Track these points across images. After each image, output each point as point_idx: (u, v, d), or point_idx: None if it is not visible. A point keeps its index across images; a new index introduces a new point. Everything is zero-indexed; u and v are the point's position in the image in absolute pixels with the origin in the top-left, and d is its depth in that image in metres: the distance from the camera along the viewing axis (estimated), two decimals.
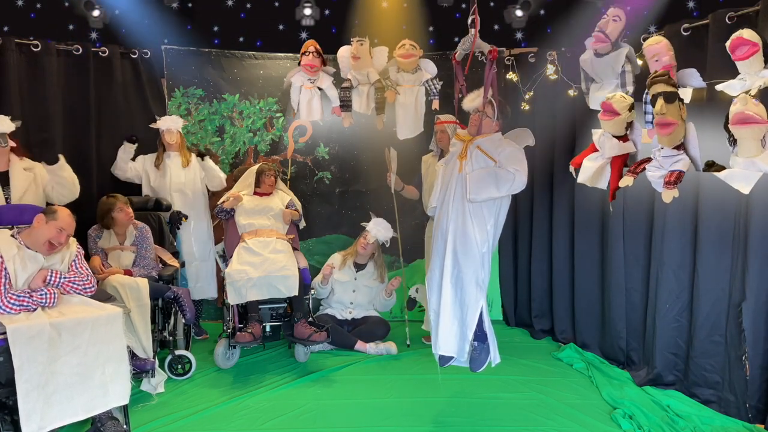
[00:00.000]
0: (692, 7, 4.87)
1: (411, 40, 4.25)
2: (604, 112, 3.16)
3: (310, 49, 4.26)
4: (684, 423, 3.25)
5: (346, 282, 4.77)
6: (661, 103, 2.73)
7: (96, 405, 2.81)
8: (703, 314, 3.51)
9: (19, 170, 3.74)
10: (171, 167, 4.66)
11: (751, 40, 2.59)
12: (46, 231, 2.94)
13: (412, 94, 4.30)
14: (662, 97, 2.74)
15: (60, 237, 2.97)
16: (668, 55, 2.91)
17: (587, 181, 3.39)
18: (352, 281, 4.77)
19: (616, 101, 3.11)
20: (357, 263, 4.81)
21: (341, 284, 4.77)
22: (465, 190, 3.10)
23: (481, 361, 3.18)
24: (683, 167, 2.83)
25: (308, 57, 4.24)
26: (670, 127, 2.75)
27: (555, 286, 4.85)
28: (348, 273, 4.79)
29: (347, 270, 4.79)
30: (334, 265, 4.76)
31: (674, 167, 2.85)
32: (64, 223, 2.97)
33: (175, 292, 3.88)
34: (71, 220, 3.02)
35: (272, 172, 4.60)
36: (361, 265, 4.81)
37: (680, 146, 2.84)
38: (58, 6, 5.12)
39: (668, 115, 2.73)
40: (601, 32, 3.16)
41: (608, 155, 3.22)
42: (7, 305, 2.76)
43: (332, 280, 4.74)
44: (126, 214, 3.96)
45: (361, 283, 4.78)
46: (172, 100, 5.11)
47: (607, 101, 3.14)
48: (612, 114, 3.12)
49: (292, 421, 3.36)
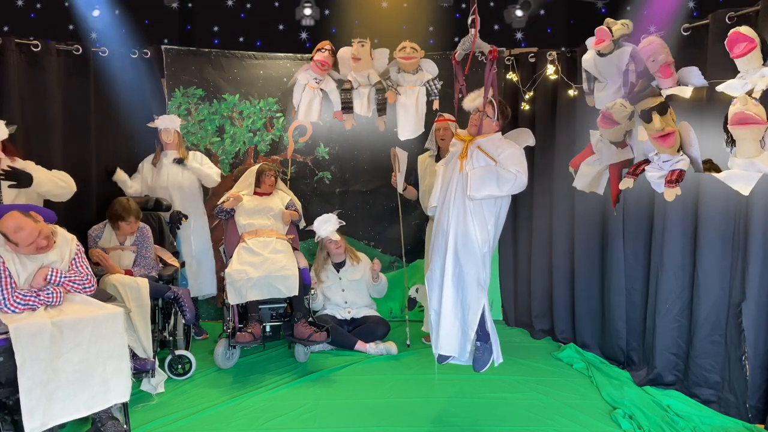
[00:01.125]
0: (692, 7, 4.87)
1: (412, 42, 4.25)
2: (604, 119, 3.17)
3: (326, 47, 4.29)
4: (684, 423, 3.25)
5: (333, 285, 4.78)
6: (658, 118, 2.77)
7: (97, 402, 2.82)
8: (703, 314, 3.51)
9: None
10: (168, 165, 4.68)
11: (748, 35, 2.60)
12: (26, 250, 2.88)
13: (413, 94, 4.30)
14: (655, 111, 2.78)
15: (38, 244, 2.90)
16: (664, 53, 2.92)
17: (585, 188, 3.39)
18: (338, 282, 4.78)
19: (616, 111, 3.12)
20: (335, 263, 4.81)
21: (329, 288, 4.78)
22: (466, 187, 3.10)
23: (485, 360, 3.18)
24: (684, 166, 2.84)
25: (324, 54, 4.26)
26: (670, 137, 2.79)
27: (555, 286, 4.85)
28: (331, 276, 4.79)
29: (329, 274, 4.79)
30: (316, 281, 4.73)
31: (675, 167, 2.86)
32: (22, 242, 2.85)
33: (175, 293, 3.89)
34: (19, 234, 2.85)
35: (273, 172, 4.60)
36: (340, 263, 4.81)
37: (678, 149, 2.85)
38: (58, 6, 5.12)
39: (666, 127, 2.77)
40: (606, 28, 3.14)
41: (606, 163, 3.22)
42: (14, 305, 2.78)
43: (320, 289, 4.75)
44: (132, 228, 3.96)
45: (347, 280, 4.78)
46: (172, 100, 5.11)
47: (608, 110, 3.15)
48: (611, 123, 3.14)
49: (292, 421, 3.36)
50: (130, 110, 4.85)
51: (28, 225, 2.88)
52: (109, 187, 4.58)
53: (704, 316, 3.51)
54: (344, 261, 4.80)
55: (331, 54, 4.29)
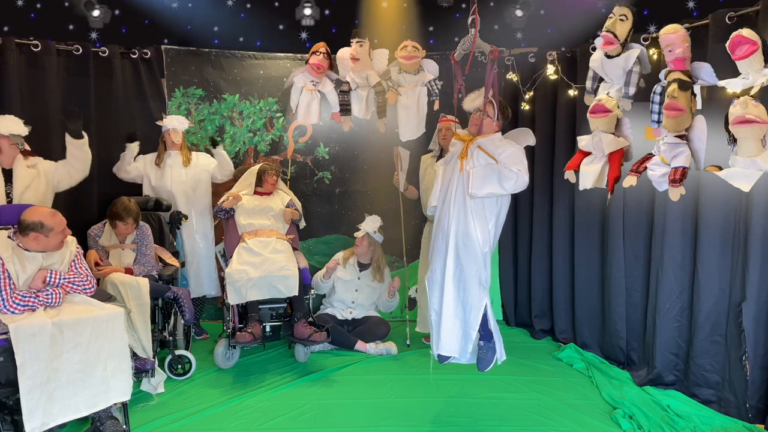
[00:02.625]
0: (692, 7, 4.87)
1: (413, 41, 4.24)
2: (597, 111, 3.26)
3: (321, 50, 4.24)
4: (684, 423, 3.25)
5: (349, 281, 4.77)
6: (674, 87, 2.84)
7: (98, 401, 2.83)
8: (703, 314, 3.51)
9: (22, 168, 3.74)
10: (172, 166, 4.67)
11: (750, 38, 2.60)
12: (55, 240, 2.95)
13: (414, 95, 4.28)
14: (677, 83, 2.84)
15: (66, 233, 3.01)
16: (682, 47, 2.91)
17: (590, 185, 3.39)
18: (355, 280, 4.77)
19: (606, 101, 3.25)
20: (360, 263, 4.81)
21: (344, 282, 4.77)
22: (467, 186, 3.10)
23: (488, 360, 3.19)
24: (685, 162, 2.85)
25: (318, 57, 4.21)
26: (678, 111, 2.84)
27: (555, 286, 4.85)
28: (351, 272, 4.79)
29: (351, 269, 4.79)
30: (339, 262, 4.76)
31: (676, 163, 2.87)
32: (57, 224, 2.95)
33: (175, 293, 3.89)
34: (55, 217, 2.97)
35: (274, 171, 4.60)
36: (365, 265, 4.81)
37: (683, 137, 2.86)
38: (58, 6, 5.12)
39: (679, 100, 2.82)
40: (610, 33, 3.15)
41: (607, 151, 3.25)
42: (12, 305, 2.77)
43: (335, 277, 4.74)
44: (129, 230, 3.97)
45: (364, 283, 4.78)
46: (172, 100, 5.11)
47: (598, 103, 3.27)
48: (605, 112, 3.23)
49: (292, 421, 3.36)
50: (130, 110, 4.86)
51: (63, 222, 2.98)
52: (109, 187, 4.58)
53: (704, 316, 3.51)
54: (368, 265, 4.81)
55: (326, 57, 4.26)
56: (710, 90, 3.12)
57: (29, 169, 3.78)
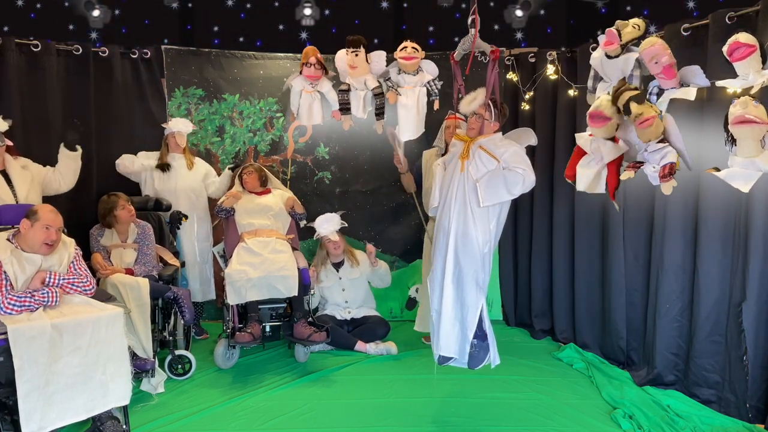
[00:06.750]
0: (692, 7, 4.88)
1: (413, 42, 4.24)
2: (594, 119, 3.15)
3: (311, 61, 4.11)
4: (684, 423, 3.25)
5: (333, 285, 4.77)
6: (635, 105, 2.91)
7: (96, 405, 2.81)
8: (703, 314, 3.51)
9: (17, 169, 3.74)
10: (178, 169, 4.68)
11: (748, 42, 2.60)
12: (36, 234, 2.93)
13: (413, 95, 4.27)
14: (633, 100, 2.91)
15: (50, 235, 2.96)
16: (666, 54, 2.91)
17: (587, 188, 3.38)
18: (338, 281, 4.77)
19: (605, 106, 3.12)
20: (334, 263, 4.80)
21: (329, 289, 4.77)
22: (477, 198, 3.10)
23: (480, 358, 3.18)
24: (672, 159, 2.86)
25: (309, 69, 4.13)
26: (649, 120, 2.88)
27: (555, 286, 4.85)
28: (331, 276, 4.77)
29: (329, 274, 4.78)
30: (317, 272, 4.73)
31: (664, 161, 2.87)
32: (47, 220, 2.95)
33: (175, 293, 3.88)
34: (54, 214, 2.99)
35: (252, 168, 4.60)
36: (339, 263, 4.80)
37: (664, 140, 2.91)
38: (58, 6, 5.13)
39: (645, 113, 2.89)
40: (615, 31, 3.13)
41: (607, 160, 3.21)
42: (8, 306, 2.76)
43: (319, 288, 4.74)
44: (128, 212, 3.99)
45: (346, 279, 4.77)
46: (172, 100, 5.11)
47: (596, 109, 3.14)
48: (603, 120, 3.13)
49: (292, 421, 3.36)
50: (130, 110, 4.86)
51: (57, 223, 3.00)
52: (109, 187, 4.57)
53: (704, 316, 3.50)
54: (343, 261, 4.80)
55: (318, 67, 4.19)
56: (710, 90, 3.13)
57: (24, 171, 3.78)
